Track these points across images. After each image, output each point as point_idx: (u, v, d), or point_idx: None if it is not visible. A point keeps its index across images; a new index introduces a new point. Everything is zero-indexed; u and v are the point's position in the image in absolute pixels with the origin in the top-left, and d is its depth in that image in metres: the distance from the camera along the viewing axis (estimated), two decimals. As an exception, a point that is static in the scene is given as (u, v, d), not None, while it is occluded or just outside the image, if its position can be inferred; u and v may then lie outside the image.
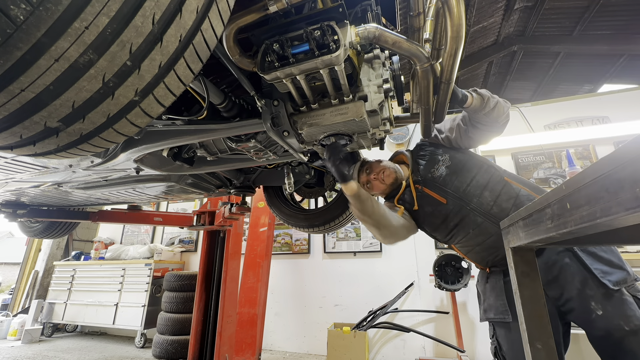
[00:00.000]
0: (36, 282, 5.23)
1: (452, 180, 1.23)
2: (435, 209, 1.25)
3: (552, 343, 0.67)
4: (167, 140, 1.11)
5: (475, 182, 1.20)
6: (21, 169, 1.29)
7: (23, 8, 0.37)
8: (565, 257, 1.02)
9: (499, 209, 1.13)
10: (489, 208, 1.15)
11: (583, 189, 0.43)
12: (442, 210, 1.23)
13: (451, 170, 1.26)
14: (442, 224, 1.25)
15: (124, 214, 2.92)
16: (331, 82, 0.89)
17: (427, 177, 1.29)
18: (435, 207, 1.25)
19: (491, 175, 1.21)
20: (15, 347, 4.05)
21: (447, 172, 1.25)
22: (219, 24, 0.57)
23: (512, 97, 6.89)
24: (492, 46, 5.49)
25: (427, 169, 1.32)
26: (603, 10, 4.36)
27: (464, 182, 1.21)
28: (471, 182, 1.20)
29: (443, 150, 1.34)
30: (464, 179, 1.22)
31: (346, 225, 2.09)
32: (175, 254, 4.71)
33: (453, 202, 1.21)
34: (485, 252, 1.17)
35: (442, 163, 1.29)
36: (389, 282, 3.65)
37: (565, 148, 3.47)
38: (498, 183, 1.18)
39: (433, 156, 1.34)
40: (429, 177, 1.29)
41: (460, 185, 1.21)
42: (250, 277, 3.06)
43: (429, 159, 1.34)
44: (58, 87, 0.46)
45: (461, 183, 1.21)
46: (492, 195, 1.16)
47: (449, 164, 1.27)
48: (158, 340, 3.50)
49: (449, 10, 0.75)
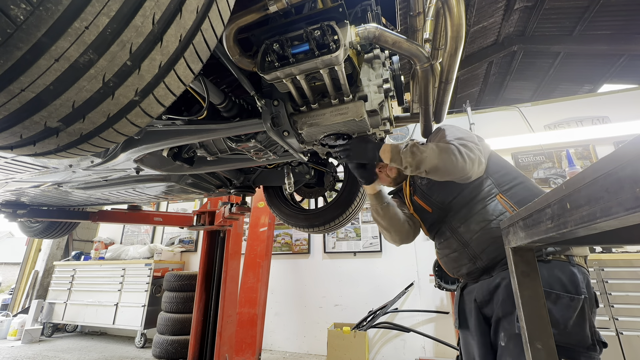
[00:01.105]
0: (36, 282, 5.23)
1: (438, 191, 1.18)
2: (423, 216, 1.27)
3: (552, 343, 0.67)
4: (167, 140, 1.11)
5: (460, 197, 1.13)
6: (21, 169, 1.29)
7: (23, 8, 0.37)
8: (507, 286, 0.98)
9: (466, 229, 1.09)
10: (457, 225, 1.12)
11: (583, 189, 0.43)
12: (427, 219, 1.25)
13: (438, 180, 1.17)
14: (429, 229, 1.27)
15: (124, 214, 2.92)
16: (331, 82, 0.89)
17: (417, 182, 1.27)
18: (423, 215, 1.26)
19: (481, 191, 1.09)
20: (15, 347, 4.05)
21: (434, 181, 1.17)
22: (219, 24, 0.57)
23: (512, 97, 6.89)
24: (492, 46, 5.49)
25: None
26: (603, 10, 4.36)
27: (451, 194, 1.15)
28: (458, 196, 1.13)
29: None
30: (450, 192, 1.15)
31: (346, 225, 2.09)
32: (175, 254, 4.71)
33: (437, 212, 1.19)
34: (450, 264, 1.18)
35: None
36: (389, 282, 3.65)
37: (565, 148, 3.47)
38: (481, 202, 1.08)
39: None
40: (419, 183, 1.25)
41: (446, 198, 1.16)
42: (250, 277, 3.06)
43: None
44: (58, 87, 0.46)
45: (447, 195, 1.15)
46: (467, 214, 1.10)
47: None
48: (158, 340, 3.50)
49: (449, 10, 0.75)
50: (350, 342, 2.93)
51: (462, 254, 1.11)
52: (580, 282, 0.91)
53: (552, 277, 0.92)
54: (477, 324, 1.06)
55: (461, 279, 1.21)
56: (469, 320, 1.12)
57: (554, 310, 0.88)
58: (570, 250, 0.97)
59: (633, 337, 2.28)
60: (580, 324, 0.88)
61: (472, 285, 1.13)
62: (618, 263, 2.45)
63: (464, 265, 1.12)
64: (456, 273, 1.18)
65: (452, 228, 1.14)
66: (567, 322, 0.87)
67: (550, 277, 0.92)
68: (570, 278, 0.92)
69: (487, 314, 1.06)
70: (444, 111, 1.18)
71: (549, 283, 0.91)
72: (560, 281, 0.91)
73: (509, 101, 6.34)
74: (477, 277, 1.10)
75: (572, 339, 0.86)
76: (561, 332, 0.86)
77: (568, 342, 0.86)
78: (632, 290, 2.37)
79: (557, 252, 0.96)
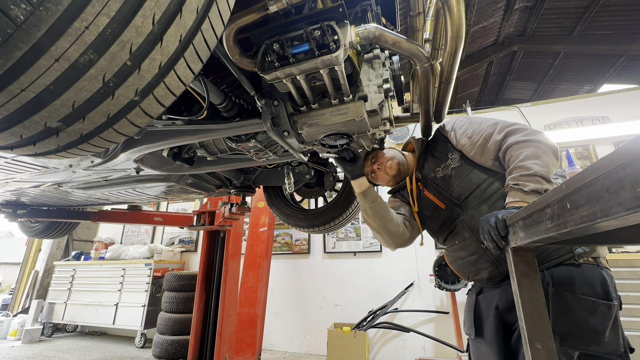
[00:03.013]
0: (36, 282, 5.23)
1: (454, 185, 1.11)
2: (433, 214, 1.17)
3: (552, 343, 0.66)
4: (167, 140, 1.11)
5: (478, 192, 1.06)
6: (21, 169, 1.29)
7: (23, 8, 0.37)
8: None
9: None
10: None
11: (583, 189, 0.43)
12: (439, 216, 1.15)
13: (457, 172, 1.12)
14: (439, 229, 1.17)
15: (124, 214, 2.92)
16: (331, 82, 0.89)
17: (429, 176, 1.19)
18: (434, 212, 1.17)
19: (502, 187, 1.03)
20: (15, 347, 4.05)
21: (452, 174, 1.12)
22: (219, 24, 0.57)
23: (512, 97, 6.89)
24: (492, 46, 5.49)
25: (431, 166, 1.20)
26: (603, 10, 4.35)
27: (467, 189, 1.08)
28: (475, 191, 1.07)
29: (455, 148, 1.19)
30: (467, 186, 1.08)
31: (346, 225, 2.09)
32: (175, 254, 4.71)
33: (451, 208, 1.11)
34: (467, 268, 1.10)
35: (450, 163, 1.15)
36: (389, 282, 3.65)
37: (565, 148, 3.46)
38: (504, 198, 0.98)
39: (443, 153, 1.20)
40: (431, 177, 1.18)
41: (463, 193, 1.09)
42: (250, 277, 3.06)
43: (438, 155, 1.21)
44: (58, 87, 0.46)
45: (464, 190, 1.08)
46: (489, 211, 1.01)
47: (457, 166, 1.13)
48: (158, 340, 3.50)
49: (449, 10, 0.75)
50: (350, 342, 2.93)
51: (482, 257, 1.02)
52: (610, 287, 0.87)
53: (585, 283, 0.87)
54: (495, 332, 0.99)
55: (477, 283, 1.13)
56: (484, 328, 1.04)
57: (592, 320, 0.83)
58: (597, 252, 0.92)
59: (633, 337, 2.28)
60: (615, 331, 0.84)
61: (492, 291, 1.05)
62: (618, 263, 2.45)
63: (484, 269, 1.03)
64: (473, 277, 1.10)
65: (472, 228, 1.04)
66: (605, 331, 0.82)
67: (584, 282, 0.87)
68: (602, 282, 0.87)
69: (509, 321, 0.99)
70: (444, 111, 1.18)
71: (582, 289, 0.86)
72: (593, 287, 0.87)
73: (509, 101, 6.34)
74: (498, 282, 1.03)
75: (608, 348, 0.82)
76: (600, 342, 0.82)
77: (604, 351, 0.82)
78: (632, 290, 2.37)
79: (585, 254, 0.91)
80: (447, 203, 1.12)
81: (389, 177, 1.30)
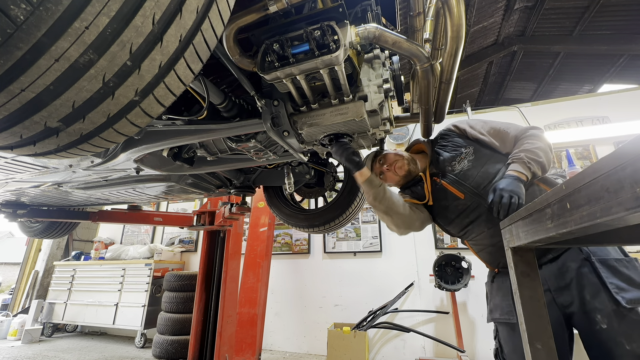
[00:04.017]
0: (36, 282, 5.23)
1: (474, 176, 1.17)
2: (451, 204, 1.21)
3: (552, 343, 0.66)
4: (167, 140, 1.11)
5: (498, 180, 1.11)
6: (21, 169, 1.29)
7: (23, 8, 0.37)
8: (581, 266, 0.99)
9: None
10: None
11: (583, 189, 0.43)
12: (458, 206, 1.19)
13: (474, 164, 1.19)
14: (456, 218, 1.21)
15: (124, 214, 2.92)
16: (331, 82, 0.89)
17: (446, 170, 1.24)
18: (452, 202, 1.21)
19: None
20: (15, 347, 4.05)
21: (469, 166, 1.19)
22: (219, 24, 0.57)
23: (512, 97, 6.89)
24: (492, 46, 5.50)
25: (447, 161, 1.25)
26: (603, 10, 4.36)
27: (486, 178, 1.14)
28: (494, 179, 1.13)
29: (467, 143, 1.26)
30: (486, 176, 1.15)
31: (346, 225, 2.09)
32: (175, 254, 4.71)
33: (471, 198, 1.16)
34: (499, 252, 1.10)
35: (465, 156, 1.22)
36: (389, 282, 3.65)
37: (565, 148, 3.46)
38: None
39: (456, 148, 1.27)
40: (449, 170, 1.23)
41: (482, 182, 1.15)
42: (250, 277, 3.06)
43: (450, 151, 1.27)
44: (58, 87, 0.46)
45: (483, 179, 1.15)
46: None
47: (472, 158, 1.21)
48: (158, 340, 3.50)
49: (449, 10, 0.75)
50: (350, 342, 2.93)
51: None
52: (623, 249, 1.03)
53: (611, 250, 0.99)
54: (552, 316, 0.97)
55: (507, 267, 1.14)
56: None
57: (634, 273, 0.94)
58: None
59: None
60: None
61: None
62: (618, 263, 2.45)
63: None
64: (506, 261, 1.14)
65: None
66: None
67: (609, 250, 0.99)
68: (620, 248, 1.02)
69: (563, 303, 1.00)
70: (444, 111, 1.18)
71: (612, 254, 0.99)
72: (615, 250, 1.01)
73: (509, 101, 6.34)
74: None
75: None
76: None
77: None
78: (632, 290, 2.37)
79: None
80: (467, 193, 1.17)
81: (399, 177, 1.34)
